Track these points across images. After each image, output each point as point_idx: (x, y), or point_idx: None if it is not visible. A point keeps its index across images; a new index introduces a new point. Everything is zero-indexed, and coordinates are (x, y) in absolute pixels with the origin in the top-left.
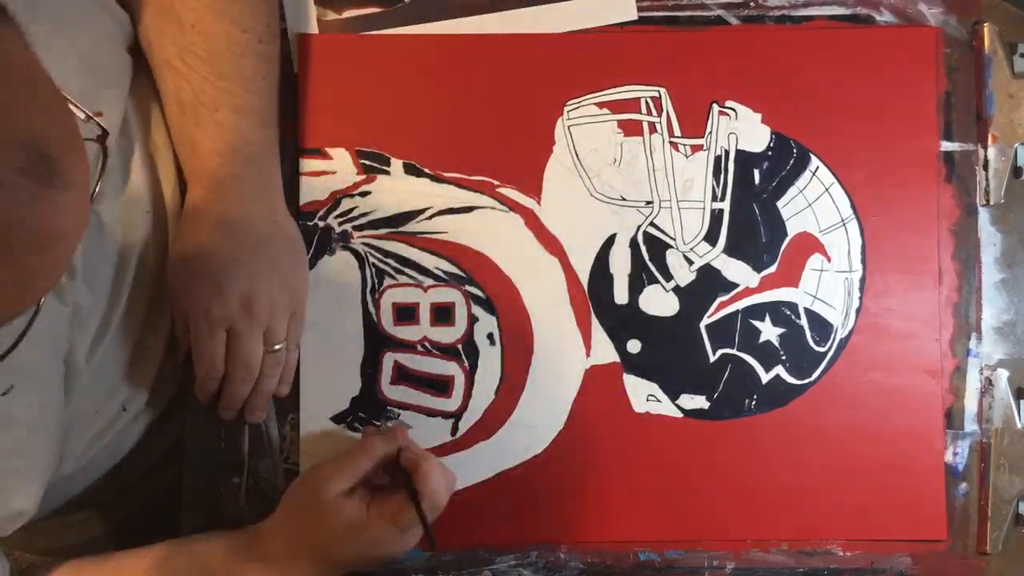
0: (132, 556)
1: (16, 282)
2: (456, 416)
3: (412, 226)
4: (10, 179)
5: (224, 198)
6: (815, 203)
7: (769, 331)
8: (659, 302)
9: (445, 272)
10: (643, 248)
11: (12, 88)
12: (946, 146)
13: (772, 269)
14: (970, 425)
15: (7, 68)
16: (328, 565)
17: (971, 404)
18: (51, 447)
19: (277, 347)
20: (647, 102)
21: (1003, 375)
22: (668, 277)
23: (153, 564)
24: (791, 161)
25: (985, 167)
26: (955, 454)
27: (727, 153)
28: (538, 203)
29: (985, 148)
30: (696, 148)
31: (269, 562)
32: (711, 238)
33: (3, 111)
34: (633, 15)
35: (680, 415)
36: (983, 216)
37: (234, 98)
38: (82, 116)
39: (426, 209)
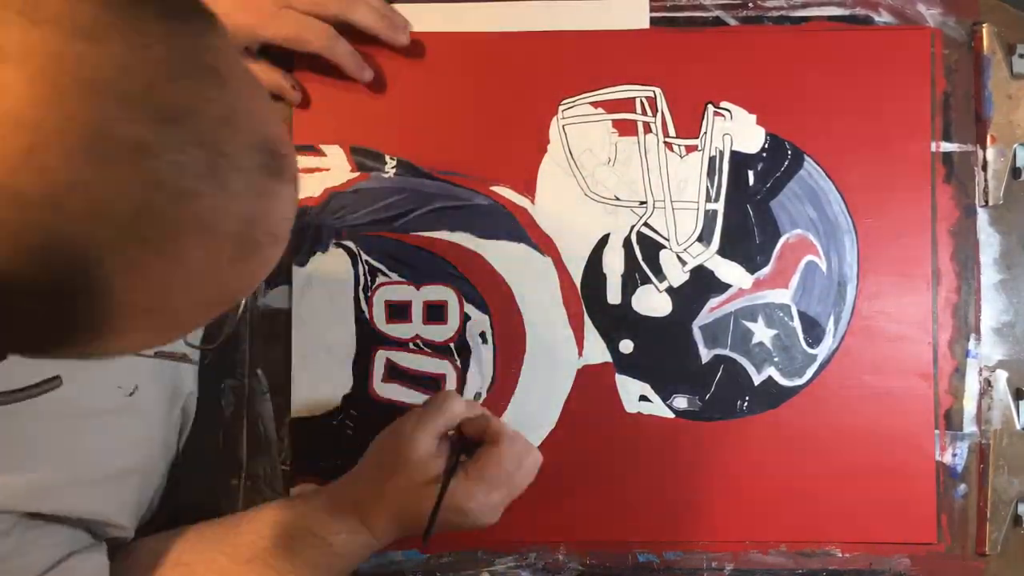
0: (244, 519)
1: (257, 272)
2: None
3: (405, 224)
4: (255, 178)
5: None
6: (808, 205)
7: (762, 332)
8: (652, 302)
9: (438, 270)
10: (636, 248)
11: (249, 92)
12: (945, 147)
13: (765, 270)
14: (969, 426)
15: (241, 74)
16: (408, 516)
17: (970, 405)
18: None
19: None
20: (642, 102)
21: (1002, 376)
22: (661, 277)
23: (267, 525)
24: (785, 163)
25: (984, 168)
26: (954, 455)
27: (721, 154)
28: (532, 202)
29: (984, 149)
30: (691, 149)
31: (359, 508)
32: (705, 239)
33: (247, 117)
34: (645, 24)
35: (672, 415)
36: (982, 217)
37: None
38: None
39: (420, 207)
